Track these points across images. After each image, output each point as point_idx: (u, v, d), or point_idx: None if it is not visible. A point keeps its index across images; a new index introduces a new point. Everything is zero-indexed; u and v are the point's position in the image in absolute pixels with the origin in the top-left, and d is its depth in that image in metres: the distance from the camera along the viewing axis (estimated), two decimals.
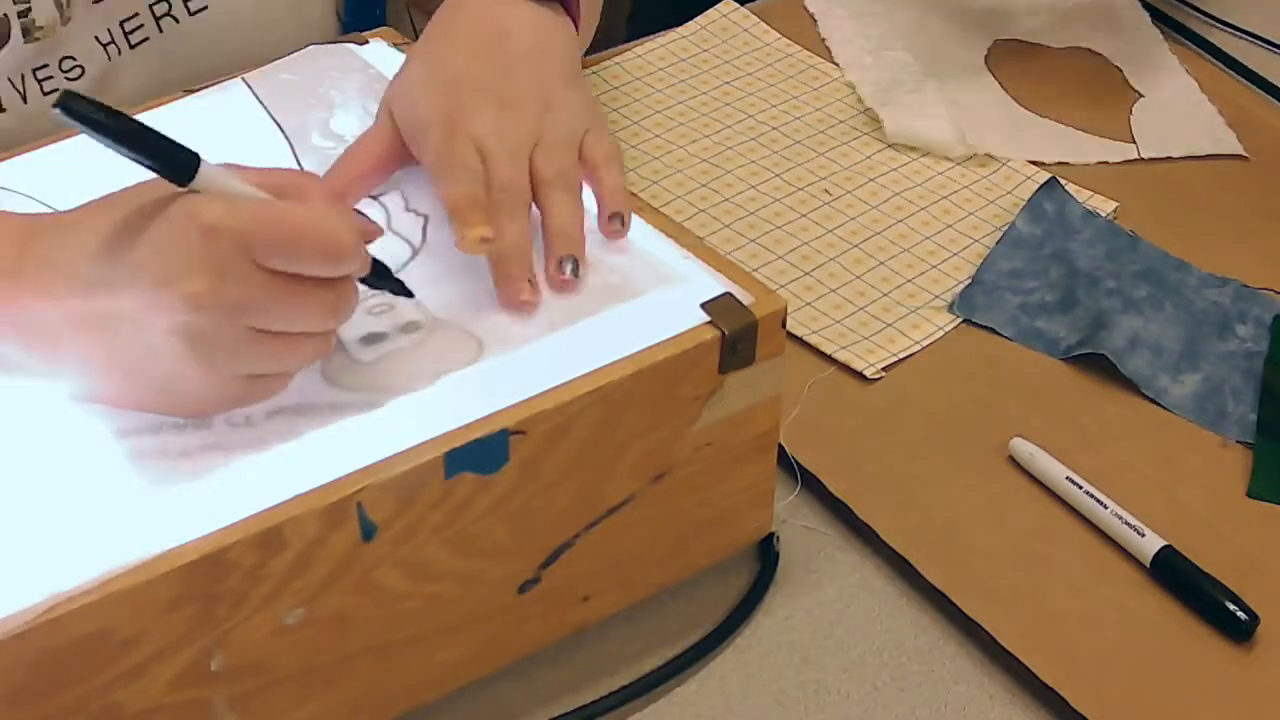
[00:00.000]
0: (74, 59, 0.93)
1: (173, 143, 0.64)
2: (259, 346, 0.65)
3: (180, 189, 0.65)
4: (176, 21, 0.97)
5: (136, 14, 0.95)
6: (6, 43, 0.89)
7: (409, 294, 0.72)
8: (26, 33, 0.90)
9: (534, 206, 0.77)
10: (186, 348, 0.64)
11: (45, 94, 0.93)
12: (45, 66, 0.92)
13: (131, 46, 0.96)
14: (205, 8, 0.97)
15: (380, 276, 0.71)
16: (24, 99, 0.92)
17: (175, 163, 0.64)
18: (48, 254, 0.66)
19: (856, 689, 0.76)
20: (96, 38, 0.94)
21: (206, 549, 0.62)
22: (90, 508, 0.64)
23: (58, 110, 0.61)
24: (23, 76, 0.92)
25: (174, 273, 0.62)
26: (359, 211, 0.77)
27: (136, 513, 0.63)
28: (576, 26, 0.87)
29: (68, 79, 0.93)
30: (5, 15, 0.89)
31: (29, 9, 0.89)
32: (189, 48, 0.98)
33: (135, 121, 0.63)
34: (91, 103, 0.62)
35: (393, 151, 0.81)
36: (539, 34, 0.83)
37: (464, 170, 0.75)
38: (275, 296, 0.64)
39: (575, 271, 0.74)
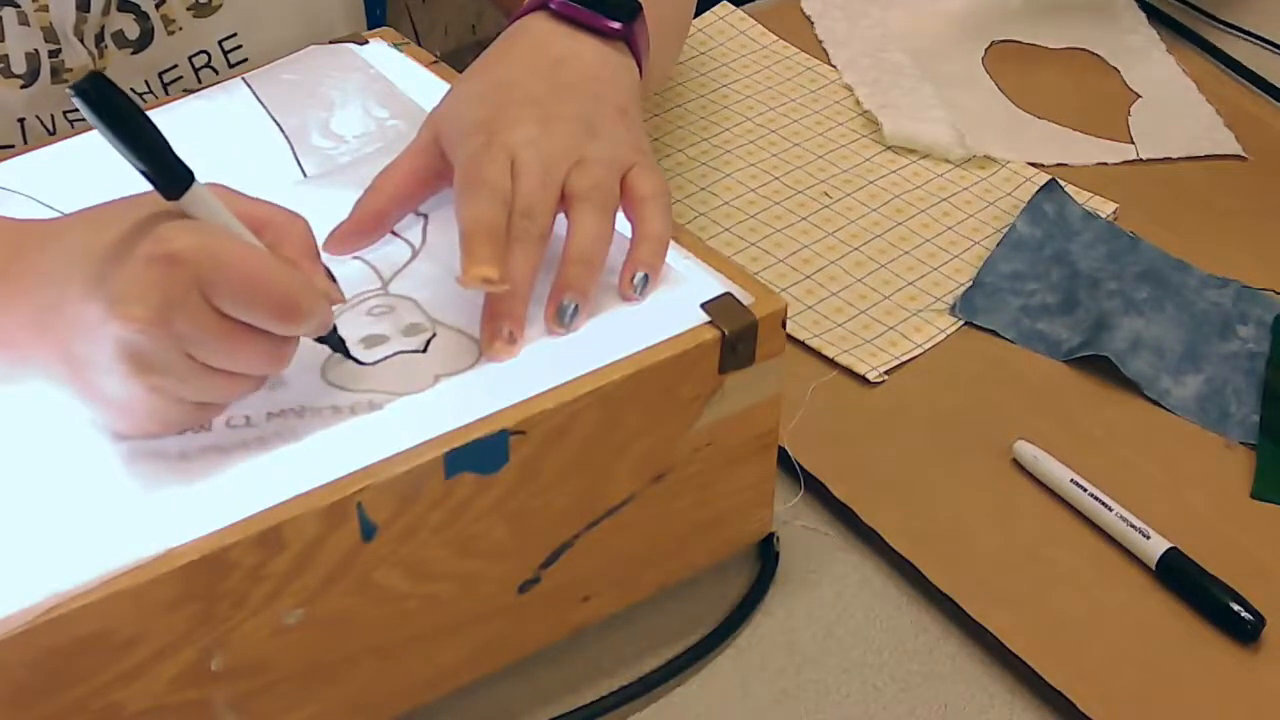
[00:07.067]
0: None
1: (173, 155, 0.63)
2: (202, 378, 0.64)
3: (167, 204, 0.63)
4: (216, 73, 0.97)
5: (176, 65, 0.95)
6: (37, 79, 0.89)
7: (357, 360, 0.70)
8: (55, 73, 0.90)
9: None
10: (129, 369, 0.63)
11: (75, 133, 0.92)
12: (76, 110, 0.92)
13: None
14: (245, 60, 0.97)
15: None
16: (51, 134, 0.92)
17: (169, 175, 0.63)
18: (35, 259, 0.66)
19: (856, 689, 0.76)
20: (133, 88, 0.94)
21: (206, 549, 0.61)
22: (90, 508, 0.64)
23: (71, 92, 0.59)
24: (52, 116, 0.91)
25: (126, 293, 0.61)
26: (329, 270, 0.71)
27: (136, 513, 0.63)
28: (641, 69, 0.84)
29: None
30: (36, 51, 0.89)
31: (59, 50, 0.89)
32: None
33: (145, 125, 0.61)
34: (107, 94, 0.60)
35: (430, 170, 0.77)
36: (598, 65, 0.80)
37: (489, 189, 0.72)
38: (219, 337, 0.63)
39: (574, 318, 0.71)
